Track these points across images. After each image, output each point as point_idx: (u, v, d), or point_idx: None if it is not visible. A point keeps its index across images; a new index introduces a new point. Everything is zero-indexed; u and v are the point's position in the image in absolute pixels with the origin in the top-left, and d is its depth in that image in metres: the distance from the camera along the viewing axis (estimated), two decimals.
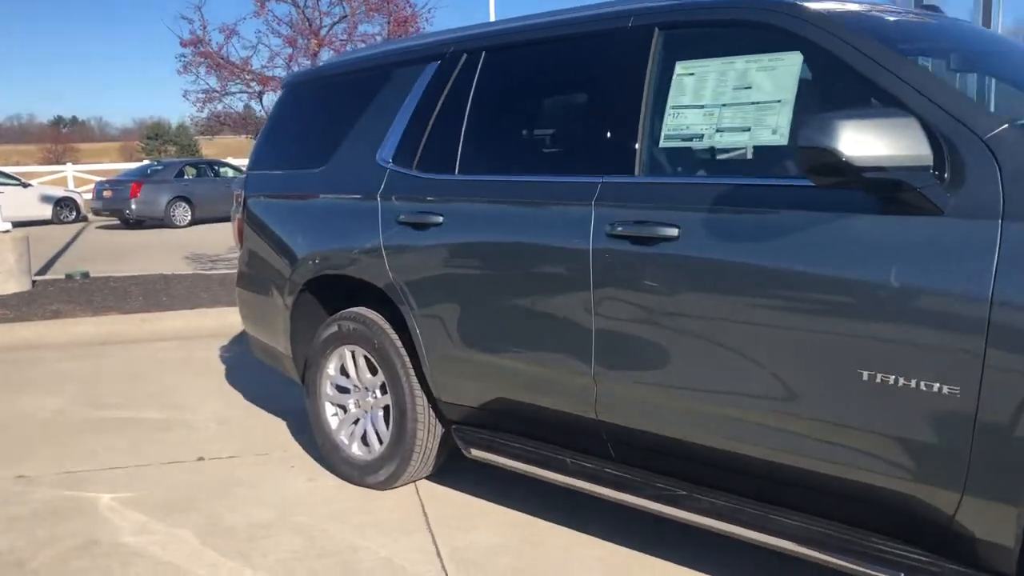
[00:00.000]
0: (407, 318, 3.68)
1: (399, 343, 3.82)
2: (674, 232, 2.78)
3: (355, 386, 4.09)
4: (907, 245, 2.32)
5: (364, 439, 4.08)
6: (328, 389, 4.18)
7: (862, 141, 2.23)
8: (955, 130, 2.31)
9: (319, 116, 4.39)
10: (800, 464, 2.64)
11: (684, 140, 2.91)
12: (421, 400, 3.79)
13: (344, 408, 4.17)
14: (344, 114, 4.19)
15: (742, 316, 2.65)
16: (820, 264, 2.47)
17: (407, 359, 3.79)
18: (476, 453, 3.52)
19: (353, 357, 4.05)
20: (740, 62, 2.81)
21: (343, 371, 4.14)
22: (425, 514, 3.75)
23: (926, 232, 2.30)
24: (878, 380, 2.40)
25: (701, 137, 2.87)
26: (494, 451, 3.49)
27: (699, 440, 2.86)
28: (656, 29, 3.03)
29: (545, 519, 3.64)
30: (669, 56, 3.00)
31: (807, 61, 2.68)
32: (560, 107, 3.49)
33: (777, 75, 2.71)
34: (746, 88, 2.78)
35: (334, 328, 4.06)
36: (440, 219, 3.51)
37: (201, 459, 4.54)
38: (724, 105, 2.81)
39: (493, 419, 3.58)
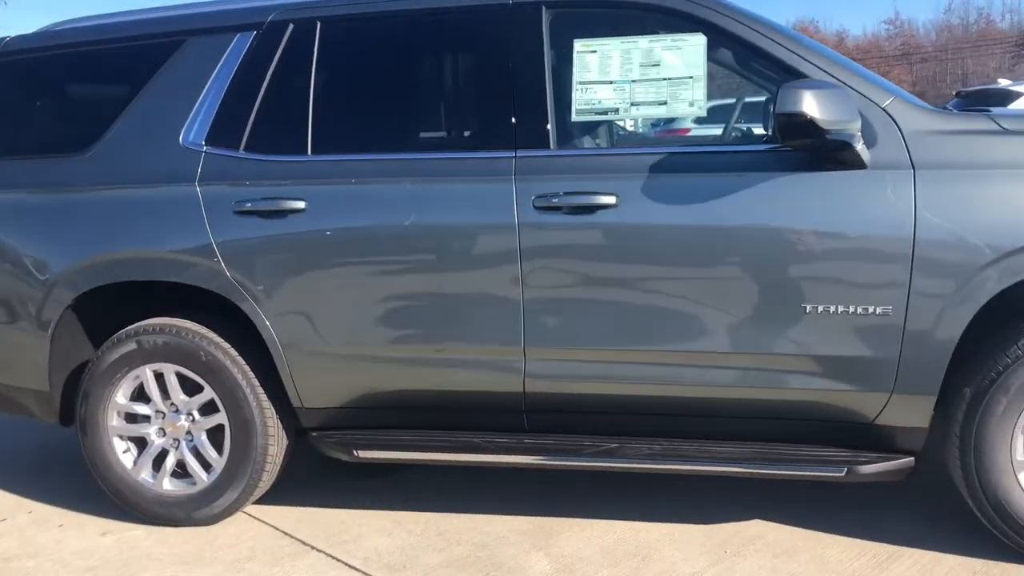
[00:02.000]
0: (257, 321, 3.26)
1: (234, 352, 3.35)
2: (612, 200, 2.93)
3: (158, 412, 3.47)
4: (845, 195, 2.81)
5: (177, 471, 3.49)
6: (115, 421, 3.48)
7: (826, 108, 2.65)
8: (863, 102, 2.85)
9: (59, 94, 3.62)
10: (741, 396, 3.01)
11: (598, 113, 3.08)
12: (270, 412, 3.38)
13: (141, 441, 3.51)
14: (108, 91, 3.51)
15: (690, 272, 2.93)
16: (768, 217, 2.85)
17: (248, 369, 3.35)
18: (364, 454, 3.27)
19: (157, 378, 3.43)
20: (644, 41, 3.06)
21: (139, 396, 3.48)
22: (289, 535, 3.37)
23: (857, 183, 2.80)
24: (819, 311, 2.85)
25: (616, 111, 3.06)
26: (384, 448, 3.28)
27: (638, 392, 3.07)
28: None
29: (422, 509, 3.52)
30: (565, 34, 3.13)
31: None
32: (449, 83, 3.38)
33: (684, 54, 3.02)
34: (654, 65, 3.04)
35: (130, 346, 3.39)
36: (301, 204, 3.18)
37: None
38: (635, 81, 3.04)
39: (371, 416, 3.36)
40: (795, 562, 3.00)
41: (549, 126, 3.05)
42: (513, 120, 3.07)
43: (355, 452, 3.28)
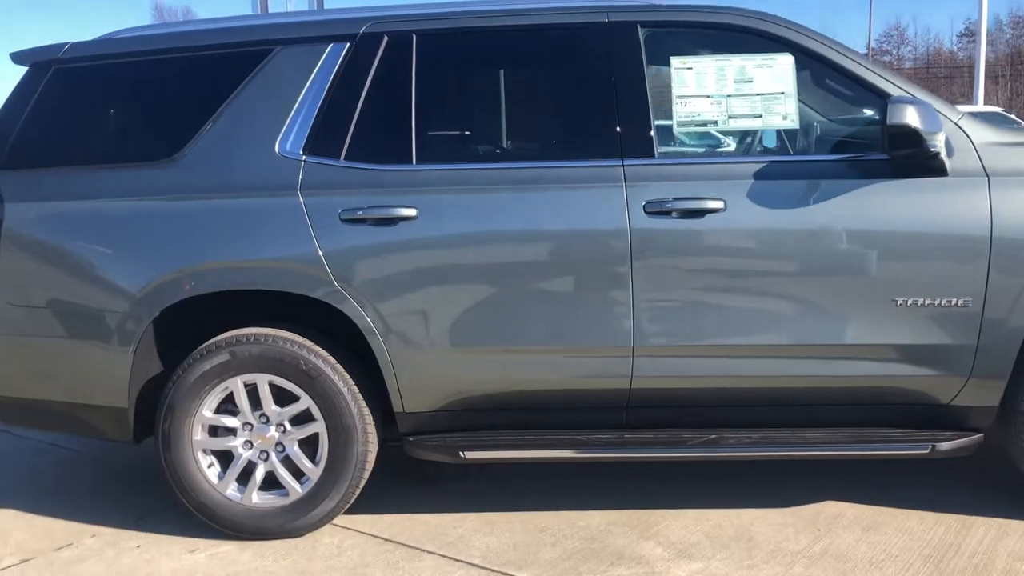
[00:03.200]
0: (363, 327, 3.28)
1: (333, 360, 3.36)
2: (720, 204, 3.16)
3: (246, 424, 3.42)
4: (932, 200, 3.14)
5: (266, 483, 3.44)
6: (199, 436, 3.41)
7: (926, 121, 2.98)
8: (941, 117, 3.20)
9: (136, 101, 3.54)
10: (834, 384, 3.28)
11: (698, 125, 3.31)
12: (369, 419, 3.40)
13: (227, 454, 3.45)
14: (192, 98, 3.47)
15: (791, 271, 3.19)
16: (863, 219, 3.14)
17: (348, 377, 3.36)
18: (470, 455, 3.34)
19: (250, 389, 3.38)
20: (737, 59, 3.31)
21: (226, 409, 3.42)
22: (390, 540, 3.39)
23: (942, 189, 3.14)
24: (908, 304, 3.17)
25: (715, 123, 3.30)
26: (490, 448, 3.36)
27: (737, 385, 3.30)
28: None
29: (507, 508, 3.60)
30: (660, 51, 3.34)
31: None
32: (550, 95, 3.51)
33: (774, 72, 3.29)
34: (748, 82, 3.30)
35: (223, 357, 3.33)
36: (412, 212, 3.24)
37: None
38: (730, 96, 3.29)
39: (471, 418, 3.43)
40: (883, 534, 3.29)
41: (652, 136, 3.25)
42: (618, 131, 3.25)
43: (461, 454, 3.34)
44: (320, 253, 3.26)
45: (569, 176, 3.26)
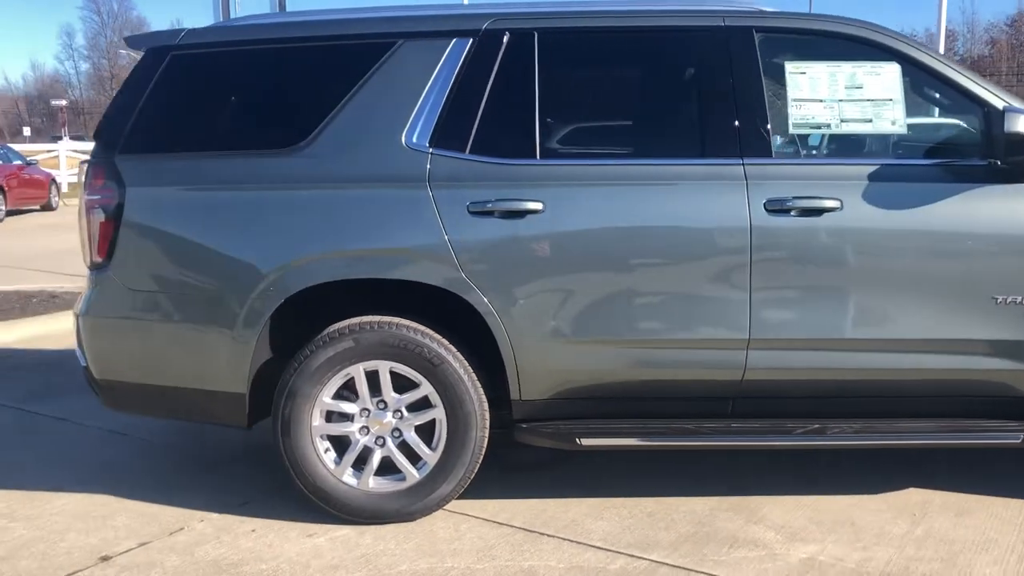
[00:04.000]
0: (488, 317, 3.37)
1: (454, 348, 3.44)
2: (836, 204, 3.32)
3: (363, 410, 3.48)
4: None
5: (381, 468, 3.50)
6: (318, 421, 3.46)
7: None
8: None
9: (259, 89, 3.57)
10: (933, 377, 3.46)
11: (812, 128, 3.46)
12: (486, 405, 3.49)
13: (344, 439, 3.50)
14: (317, 89, 3.51)
15: (903, 269, 3.36)
16: (970, 221, 3.33)
17: (467, 365, 3.44)
18: (587, 442, 3.44)
19: (369, 376, 3.44)
20: (847, 66, 3.47)
21: (343, 395, 3.47)
22: (506, 524, 3.47)
23: None
24: (1008, 301, 3.36)
25: (828, 126, 3.45)
26: (605, 436, 3.47)
27: (843, 377, 3.45)
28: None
29: (608, 494, 3.71)
30: (774, 55, 3.49)
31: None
32: (668, 94, 3.61)
33: (882, 79, 3.46)
34: (858, 87, 3.46)
35: (347, 343, 3.38)
36: (539, 205, 3.34)
37: (106, 558, 3.27)
38: (842, 101, 3.45)
39: (584, 407, 3.53)
40: (975, 518, 3.48)
41: (770, 137, 3.40)
42: (738, 130, 3.38)
43: (578, 441, 3.44)
44: (449, 243, 3.33)
45: (691, 173, 3.39)
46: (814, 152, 3.58)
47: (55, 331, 7.11)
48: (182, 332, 3.47)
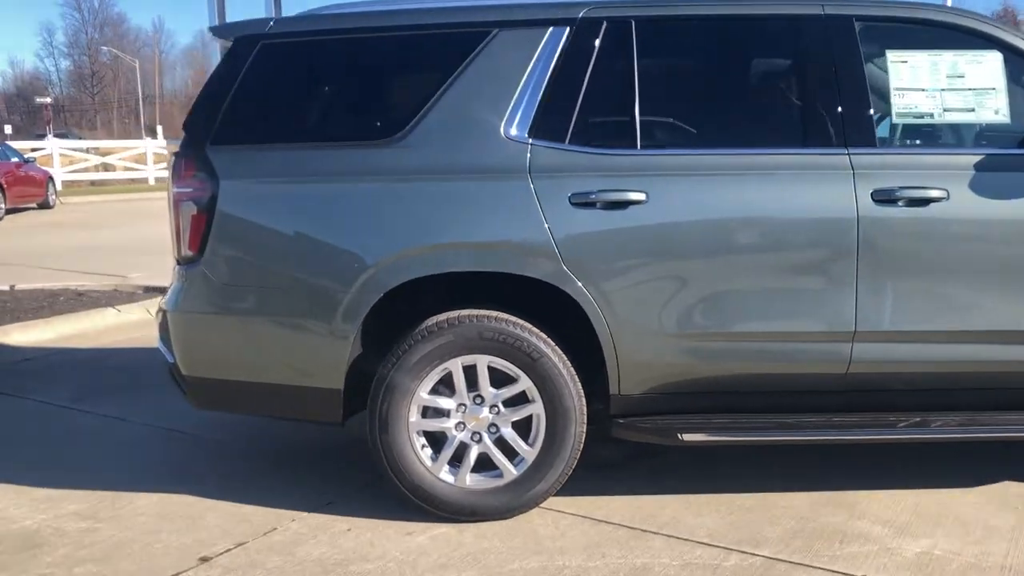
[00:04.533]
0: (589, 309, 3.31)
1: (552, 343, 3.38)
2: (943, 194, 3.28)
3: (460, 405, 3.42)
4: None
5: (477, 465, 3.44)
6: (415, 417, 3.39)
7: None
8: None
9: (350, 79, 3.52)
10: None
11: (915, 117, 3.42)
12: (583, 400, 3.43)
13: (439, 436, 3.44)
14: (411, 79, 3.47)
15: (1008, 257, 3.32)
16: None
17: (566, 359, 3.38)
18: (688, 438, 3.39)
19: (466, 370, 3.38)
20: (948, 55, 3.43)
21: (439, 391, 3.41)
22: (605, 521, 3.42)
23: None
24: None
25: (932, 115, 3.41)
26: (707, 431, 3.42)
27: (946, 369, 3.42)
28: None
29: (700, 491, 3.67)
30: (874, 44, 3.45)
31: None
32: (769, 83, 3.57)
33: (984, 68, 3.42)
34: (959, 76, 3.42)
35: (447, 338, 3.32)
36: (642, 196, 3.28)
37: (205, 559, 3.19)
38: (944, 90, 3.41)
39: (682, 401, 3.48)
40: None
41: (874, 126, 3.36)
42: (841, 120, 3.34)
43: (680, 436, 3.39)
44: (551, 235, 3.27)
45: (795, 163, 3.34)
46: (918, 142, 3.53)
47: (89, 329, 7.03)
48: (277, 327, 3.40)
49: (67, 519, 3.53)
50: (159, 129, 32.32)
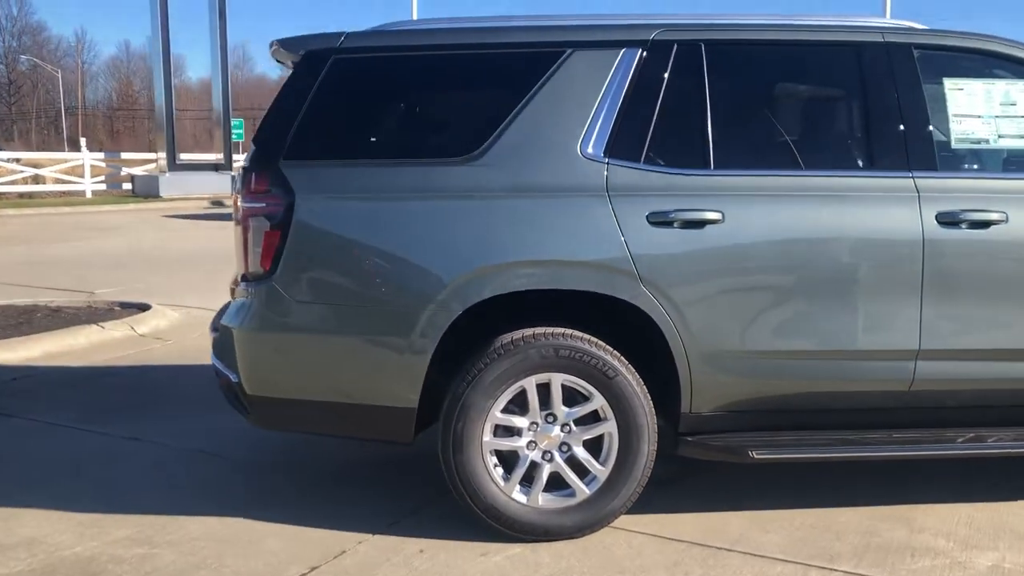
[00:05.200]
0: (665, 328, 3.33)
1: (625, 360, 3.39)
2: (1002, 216, 3.40)
3: (533, 423, 3.40)
4: None
5: (548, 484, 3.42)
6: (488, 436, 3.36)
7: None
8: None
9: (426, 96, 3.50)
10: None
11: (972, 143, 3.54)
12: (655, 418, 3.45)
13: (512, 454, 3.41)
14: (486, 96, 3.46)
15: None
16: None
17: (639, 377, 3.40)
18: (760, 455, 3.43)
19: (540, 388, 3.37)
20: (1001, 83, 3.57)
21: (511, 410, 3.39)
22: (678, 539, 3.43)
23: None
24: None
25: (988, 141, 3.54)
26: (776, 448, 3.46)
27: (1002, 387, 3.53)
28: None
29: (759, 507, 3.71)
30: (931, 72, 3.56)
31: None
32: (835, 107, 3.64)
33: None
34: (1012, 104, 3.56)
35: (522, 356, 3.30)
36: (718, 216, 3.33)
37: None
38: (998, 117, 3.54)
39: (749, 419, 3.52)
40: None
41: (935, 150, 3.47)
42: (905, 144, 3.44)
43: (751, 454, 3.43)
44: (629, 254, 3.29)
45: (864, 186, 3.43)
46: (975, 166, 3.65)
47: (75, 347, 6.81)
48: (351, 345, 3.34)
49: (120, 545, 3.40)
50: (83, 141, 31.36)
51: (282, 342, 3.36)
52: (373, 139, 3.46)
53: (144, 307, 7.95)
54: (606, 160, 3.37)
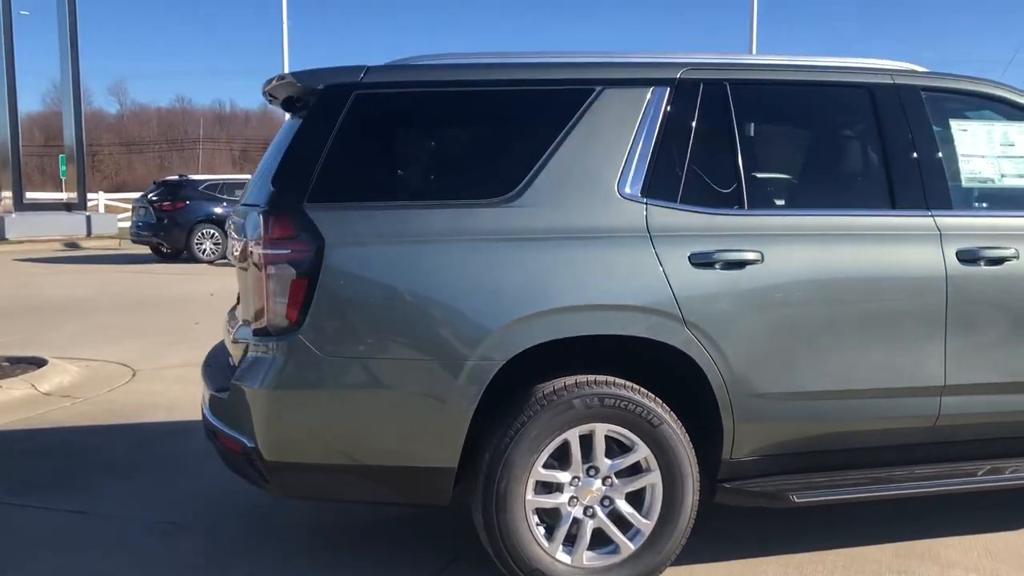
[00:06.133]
0: (709, 372, 3.24)
1: (667, 408, 3.27)
2: (1014, 252, 3.51)
3: (575, 478, 3.22)
4: None
5: (592, 540, 3.25)
6: (530, 494, 3.16)
7: None
8: None
9: (452, 137, 3.31)
10: None
11: (980, 182, 3.65)
12: (697, 467, 3.33)
13: (554, 511, 3.22)
14: (516, 135, 3.28)
15: None
16: None
17: (680, 424, 3.29)
18: (799, 499, 3.36)
19: (582, 441, 3.20)
20: (999, 125, 3.71)
21: (552, 464, 3.20)
22: None
23: None
24: None
25: (992, 180, 3.66)
26: (815, 490, 3.40)
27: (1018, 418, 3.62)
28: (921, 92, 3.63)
29: (793, 551, 3.65)
30: (937, 113, 3.66)
31: None
32: (852, 147, 3.64)
33: None
34: (1010, 145, 3.70)
35: (567, 407, 3.13)
36: (757, 256, 3.28)
37: None
38: (999, 157, 3.67)
39: (784, 462, 3.46)
40: None
41: (949, 189, 3.55)
42: (923, 183, 3.51)
43: (792, 498, 3.36)
44: (674, 297, 3.19)
45: (890, 225, 3.47)
46: (984, 204, 3.76)
47: None
48: (388, 403, 3.07)
49: None
50: None
51: (310, 401, 3.05)
52: (402, 180, 3.24)
53: (40, 362, 7.23)
54: (644, 200, 3.26)
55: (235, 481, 3.76)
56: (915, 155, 3.53)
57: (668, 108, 3.36)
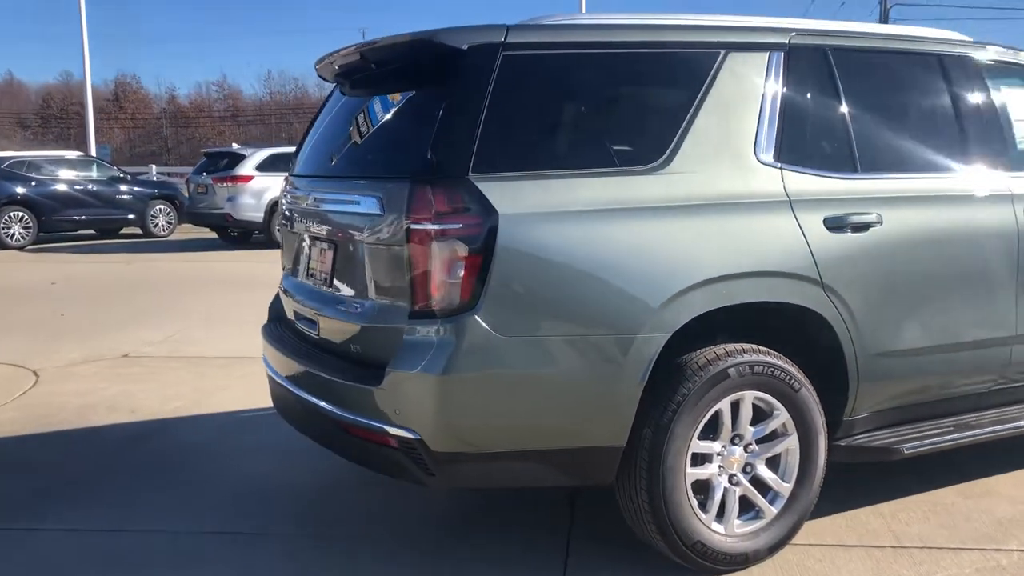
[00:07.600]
0: (841, 334, 3.31)
1: (801, 372, 3.31)
2: None
3: (723, 447, 3.21)
4: None
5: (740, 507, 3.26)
6: (688, 467, 3.12)
7: None
8: None
9: (596, 101, 3.13)
10: None
11: None
12: (826, 428, 3.40)
13: (704, 483, 3.19)
14: (655, 100, 3.19)
15: None
16: None
17: (813, 388, 3.34)
18: (909, 450, 3.51)
19: (734, 408, 3.19)
20: None
21: (706, 436, 3.17)
22: (856, 545, 3.42)
23: None
24: None
25: None
26: (920, 441, 3.56)
27: None
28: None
29: (880, 500, 3.81)
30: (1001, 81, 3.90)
31: None
32: (947, 115, 3.73)
33: None
34: None
35: (725, 377, 3.09)
36: (878, 219, 3.37)
37: None
38: None
39: (891, 416, 3.60)
40: None
41: (1016, 154, 3.81)
42: (1002, 148, 3.76)
43: (903, 449, 3.50)
44: (814, 261, 3.22)
45: (976, 187, 3.67)
46: None
47: None
48: (565, 383, 2.90)
49: None
50: None
51: (486, 386, 2.83)
52: (558, 148, 3.04)
53: None
54: (779, 165, 3.26)
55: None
56: (998, 122, 3.76)
57: (785, 73, 3.37)
